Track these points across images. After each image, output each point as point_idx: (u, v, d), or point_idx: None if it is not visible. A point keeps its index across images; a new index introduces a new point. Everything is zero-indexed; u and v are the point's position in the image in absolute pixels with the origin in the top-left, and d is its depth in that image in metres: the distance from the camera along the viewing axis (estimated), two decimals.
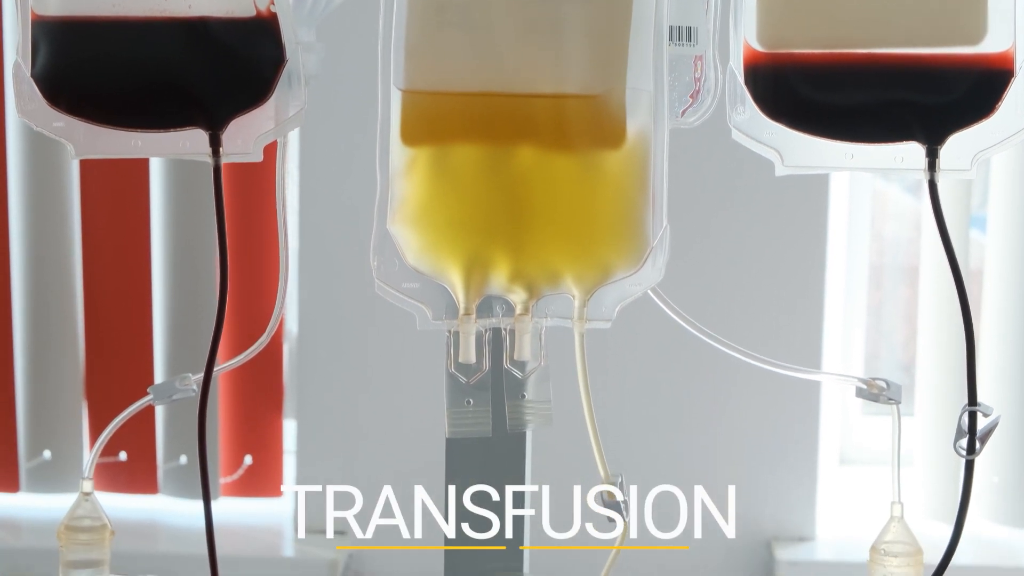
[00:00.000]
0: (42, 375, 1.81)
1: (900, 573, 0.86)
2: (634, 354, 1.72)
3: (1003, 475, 1.79)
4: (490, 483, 0.89)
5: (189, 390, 0.87)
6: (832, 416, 1.89)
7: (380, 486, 1.74)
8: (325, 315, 1.73)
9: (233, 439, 1.81)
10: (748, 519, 1.75)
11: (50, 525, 1.78)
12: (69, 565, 0.88)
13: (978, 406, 0.76)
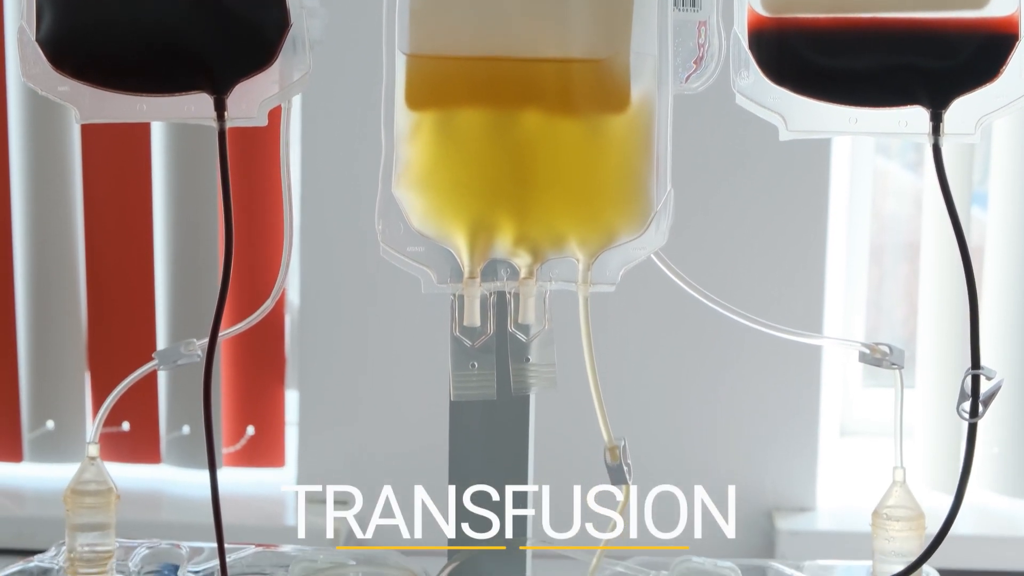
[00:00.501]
0: (44, 345, 1.81)
1: (902, 537, 0.87)
2: (636, 322, 1.72)
3: (1003, 446, 1.79)
4: (491, 483, 0.90)
5: (194, 355, 0.88)
6: (833, 388, 1.89)
7: (382, 456, 1.75)
8: (326, 286, 1.73)
9: (235, 410, 1.81)
10: (749, 489, 1.75)
11: (53, 495, 1.79)
12: (75, 528, 0.89)
13: (981, 369, 0.76)
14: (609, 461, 0.80)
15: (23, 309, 1.80)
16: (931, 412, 1.79)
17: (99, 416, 0.89)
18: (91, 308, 1.80)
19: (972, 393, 0.77)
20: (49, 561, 0.94)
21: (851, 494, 1.81)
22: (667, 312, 1.72)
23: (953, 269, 1.74)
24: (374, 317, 1.73)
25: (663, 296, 1.70)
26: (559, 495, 0.92)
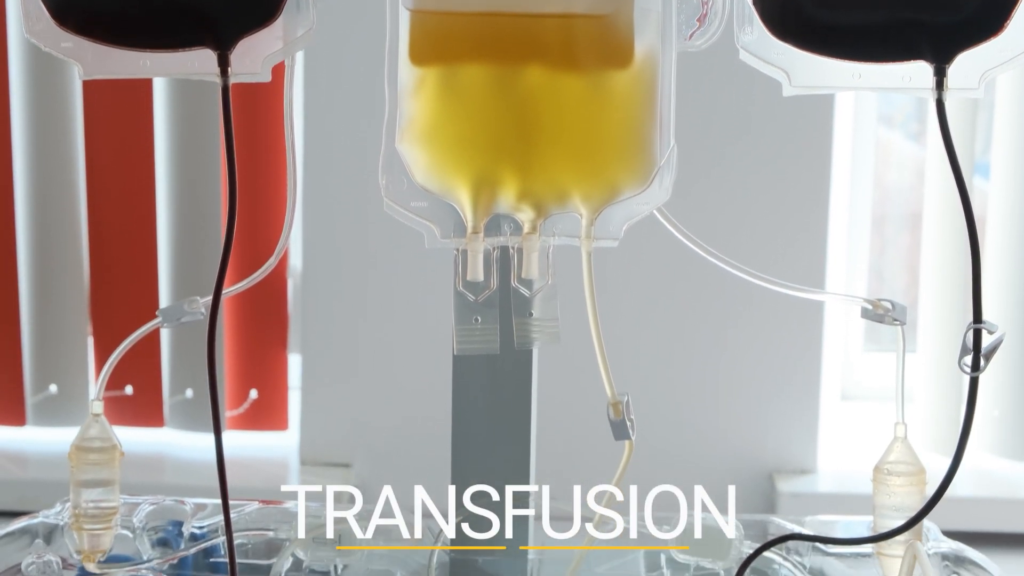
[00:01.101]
0: (47, 309, 1.82)
1: (903, 492, 0.87)
2: (638, 285, 1.72)
3: (1003, 408, 1.80)
4: (493, 481, 0.90)
5: (197, 313, 0.88)
6: (834, 352, 1.90)
7: (385, 420, 1.76)
8: (329, 250, 1.73)
9: (238, 374, 1.82)
10: (750, 452, 1.76)
11: (57, 458, 1.80)
12: (80, 484, 0.89)
13: (983, 323, 0.76)
14: (612, 416, 0.81)
15: (25, 273, 1.80)
16: (932, 378, 1.80)
17: (103, 373, 0.89)
18: (93, 272, 1.80)
19: (973, 347, 0.77)
20: (54, 517, 0.95)
21: (852, 457, 1.82)
22: (669, 275, 1.72)
23: (955, 240, 1.74)
24: (376, 281, 1.73)
25: (664, 259, 1.70)
26: (559, 495, 0.92)
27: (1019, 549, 1.70)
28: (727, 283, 1.76)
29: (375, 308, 1.74)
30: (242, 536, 0.94)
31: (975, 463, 1.81)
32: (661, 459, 1.74)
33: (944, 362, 1.79)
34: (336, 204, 1.72)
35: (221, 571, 0.94)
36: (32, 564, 0.90)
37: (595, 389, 0.83)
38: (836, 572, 0.95)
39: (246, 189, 1.72)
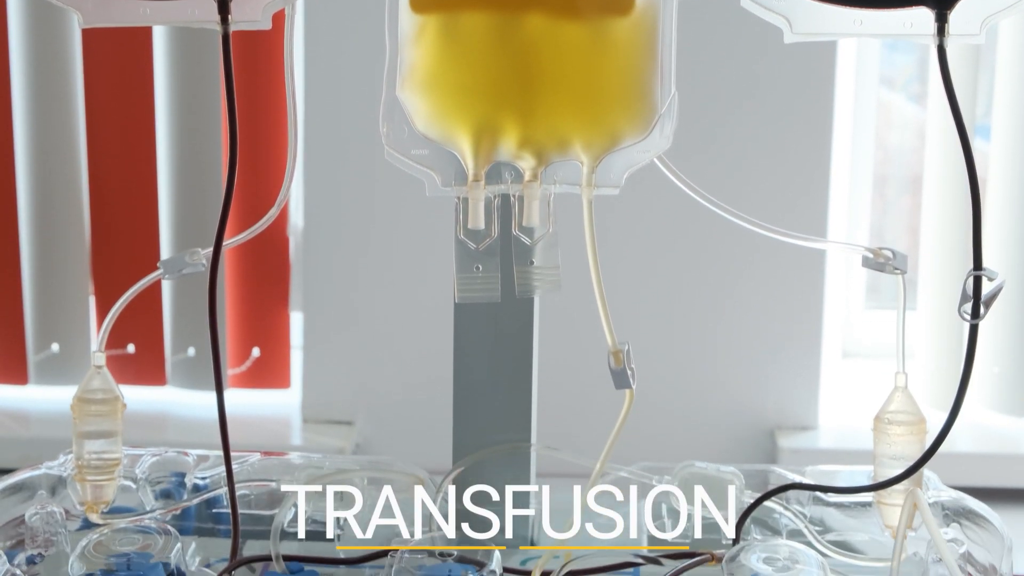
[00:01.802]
0: (48, 268, 1.82)
1: (903, 442, 0.87)
2: (638, 239, 1.72)
3: (1003, 365, 1.80)
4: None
5: (199, 265, 0.88)
6: (835, 309, 1.90)
7: (387, 377, 1.76)
8: (330, 208, 1.73)
9: (240, 332, 1.82)
10: (752, 409, 1.76)
11: (59, 416, 1.80)
12: (82, 436, 0.90)
13: (983, 270, 0.76)
14: (613, 365, 0.81)
15: (26, 232, 1.80)
16: (932, 337, 1.80)
17: (104, 325, 0.89)
18: (94, 230, 1.80)
19: (973, 294, 0.77)
20: (57, 469, 0.95)
21: (853, 413, 1.82)
22: (669, 233, 1.72)
23: (956, 202, 1.74)
24: (378, 238, 1.73)
25: (665, 216, 1.70)
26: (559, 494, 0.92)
27: (1019, 504, 1.71)
28: (728, 240, 1.76)
29: (377, 265, 1.74)
30: (244, 487, 0.94)
31: (975, 419, 1.82)
32: (663, 416, 1.75)
33: (944, 321, 1.79)
34: (338, 159, 1.72)
35: (224, 522, 0.95)
36: (35, 515, 0.90)
37: (596, 338, 0.83)
38: (836, 522, 0.96)
39: (247, 140, 1.71)
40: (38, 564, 0.89)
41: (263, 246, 1.79)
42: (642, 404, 0.85)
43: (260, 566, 0.88)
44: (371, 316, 1.75)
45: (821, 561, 0.82)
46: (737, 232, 1.69)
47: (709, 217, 1.64)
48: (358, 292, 1.75)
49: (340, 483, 0.91)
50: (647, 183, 1.54)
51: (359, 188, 1.72)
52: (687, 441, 1.74)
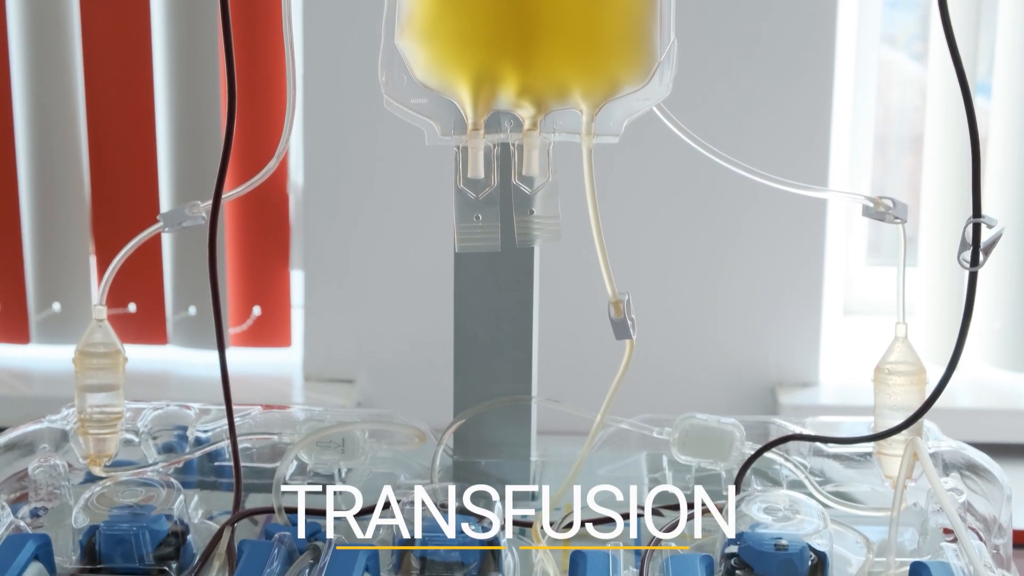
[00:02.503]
0: (49, 228, 1.82)
1: (904, 392, 0.87)
2: (639, 192, 1.72)
3: (1004, 320, 1.80)
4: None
5: (198, 217, 0.88)
6: (836, 266, 1.90)
7: (388, 335, 1.76)
8: (330, 165, 1.73)
9: (241, 291, 1.82)
10: (753, 365, 1.77)
11: (61, 375, 1.81)
12: (84, 389, 0.90)
13: (982, 218, 0.76)
14: (613, 315, 0.81)
15: (26, 192, 1.80)
16: (933, 295, 1.80)
17: (105, 278, 0.89)
18: (94, 189, 1.80)
19: (972, 241, 0.77)
20: (60, 423, 0.95)
21: (854, 370, 1.83)
22: (669, 187, 1.72)
23: (957, 161, 1.74)
24: (378, 195, 1.73)
25: (665, 172, 1.70)
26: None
27: (1020, 460, 1.71)
28: (728, 196, 1.76)
29: (377, 223, 1.74)
30: (246, 440, 0.94)
31: (976, 375, 1.82)
32: (663, 374, 1.75)
33: (945, 278, 1.79)
34: (337, 116, 1.71)
35: (226, 475, 0.95)
36: (39, 468, 0.91)
37: (596, 289, 0.83)
38: (837, 474, 0.96)
39: (245, 94, 1.71)
40: (42, 517, 0.89)
41: (263, 205, 1.79)
42: (642, 361, 0.85)
43: (262, 518, 0.89)
44: (372, 274, 1.75)
45: (822, 511, 0.82)
46: (737, 188, 1.70)
47: (710, 173, 1.64)
48: (358, 250, 1.75)
49: (341, 435, 0.91)
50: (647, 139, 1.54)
51: (359, 146, 1.71)
52: (688, 397, 1.74)
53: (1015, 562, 0.87)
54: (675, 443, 0.93)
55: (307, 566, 0.78)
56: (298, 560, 0.79)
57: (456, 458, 0.94)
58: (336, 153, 1.72)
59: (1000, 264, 1.79)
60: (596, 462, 0.96)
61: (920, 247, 1.82)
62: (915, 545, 0.88)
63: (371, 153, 1.71)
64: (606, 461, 0.96)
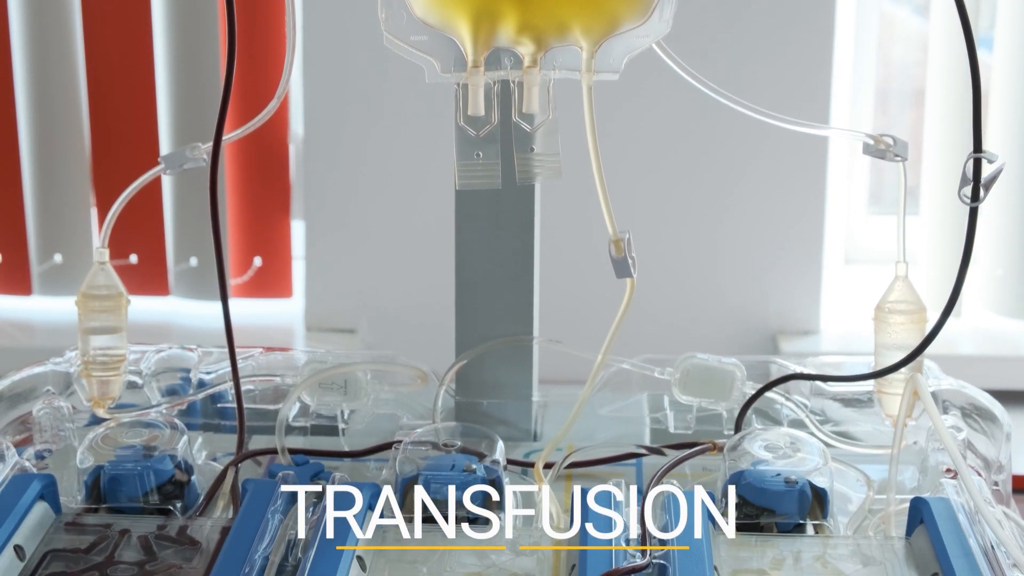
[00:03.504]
0: (50, 179, 1.82)
1: (904, 331, 0.87)
2: (641, 134, 1.72)
3: (1007, 268, 1.80)
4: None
5: (199, 159, 0.88)
6: (837, 215, 1.90)
7: (389, 285, 1.76)
8: (330, 115, 1.72)
9: (242, 241, 1.82)
10: (754, 313, 1.77)
11: (63, 327, 1.81)
12: (87, 332, 0.90)
13: (983, 153, 0.76)
14: (614, 254, 0.81)
15: (26, 143, 1.80)
16: (934, 247, 1.80)
17: (107, 220, 0.90)
18: (94, 140, 1.80)
19: (973, 176, 0.77)
20: (63, 365, 0.95)
21: (855, 318, 1.83)
22: (670, 134, 1.71)
23: (959, 116, 1.73)
24: (378, 144, 1.73)
25: (666, 118, 1.70)
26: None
27: (1022, 406, 1.71)
28: (730, 145, 1.76)
29: (378, 172, 1.74)
30: (249, 382, 0.95)
31: (978, 322, 1.82)
32: (663, 323, 1.75)
33: (946, 229, 1.79)
34: (338, 65, 1.71)
35: (229, 417, 0.95)
36: (43, 410, 0.91)
37: (596, 231, 0.83)
38: (838, 414, 0.96)
39: (245, 41, 1.70)
40: (46, 458, 0.90)
41: (263, 155, 1.79)
42: (642, 309, 0.86)
43: (266, 459, 0.89)
44: (373, 224, 1.76)
45: (822, 448, 0.83)
46: (739, 136, 1.69)
47: (711, 122, 1.64)
48: (359, 200, 1.75)
49: (343, 376, 0.91)
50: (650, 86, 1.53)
51: (359, 95, 1.71)
52: (689, 345, 1.75)
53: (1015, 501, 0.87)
54: (676, 383, 0.94)
55: (311, 503, 0.79)
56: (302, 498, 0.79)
57: (458, 399, 0.94)
58: (336, 102, 1.72)
59: (1002, 212, 1.79)
60: (597, 403, 0.96)
61: (922, 200, 1.82)
62: (915, 483, 0.89)
63: (371, 103, 1.71)
64: (607, 402, 0.96)
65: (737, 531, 0.78)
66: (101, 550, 0.76)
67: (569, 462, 0.88)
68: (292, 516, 0.77)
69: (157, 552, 0.76)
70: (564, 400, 0.95)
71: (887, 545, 0.77)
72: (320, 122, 1.73)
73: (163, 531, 0.78)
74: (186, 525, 0.79)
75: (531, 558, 0.76)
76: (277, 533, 0.75)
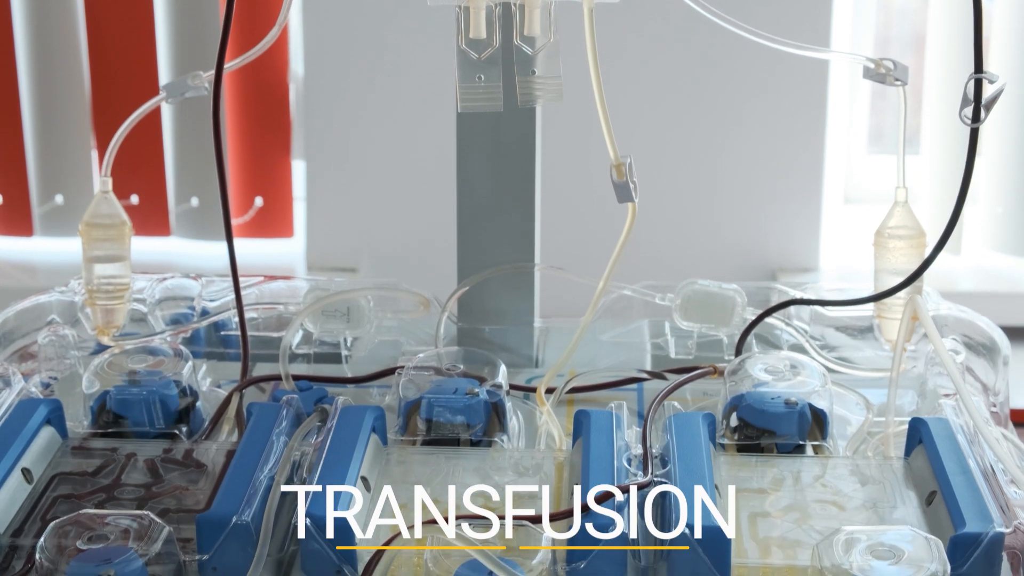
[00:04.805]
0: (50, 121, 1.82)
1: (904, 257, 0.88)
2: (643, 69, 1.72)
3: (1007, 206, 1.80)
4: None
5: (201, 88, 0.88)
6: (837, 154, 1.90)
7: (389, 223, 1.77)
8: (330, 55, 1.72)
9: (243, 181, 1.82)
10: (754, 251, 1.77)
11: (65, 267, 1.81)
12: (92, 261, 0.90)
13: (983, 73, 0.76)
14: (615, 178, 0.81)
15: (26, 85, 1.80)
16: (935, 186, 1.80)
17: (110, 148, 0.90)
18: (94, 82, 1.79)
19: (974, 97, 0.78)
20: (68, 294, 0.96)
21: (854, 256, 1.83)
22: (673, 73, 1.71)
23: (958, 61, 1.73)
24: (378, 83, 1.73)
25: (670, 54, 1.69)
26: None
27: (1020, 342, 1.72)
28: (731, 84, 1.75)
29: (378, 111, 1.74)
30: (252, 310, 0.95)
31: (978, 260, 1.83)
32: (663, 260, 1.76)
33: (947, 172, 1.79)
34: (336, 1, 1.70)
35: (232, 345, 0.96)
36: (48, 338, 0.91)
37: (598, 155, 0.83)
38: (837, 341, 0.97)
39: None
40: (51, 386, 0.90)
41: (263, 95, 1.79)
42: (642, 247, 0.86)
43: (269, 386, 0.90)
44: (374, 163, 1.76)
45: (822, 371, 0.83)
46: (740, 75, 1.69)
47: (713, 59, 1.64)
48: (360, 139, 1.75)
49: (346, 303, 0.92)
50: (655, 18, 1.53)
51: (358, 33, 1.71)
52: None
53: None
54: (677, 309, 0.94)
55: (315, 427, 0.79)
56: (306, 421, 0.80)
57: (460, 325, 0.95)
58: (336, 41, 1.72)
59: (1002, 150, 1.79)
60: (598, 329, 0.96)
61: (922, 142, 1.82)
62: (914, 407, 0.89)
63: (371, 42, 1.71)
64: (608, 328, 0.97)
65: (737, 452, 0.79)
66: (108, 473, 0.77)
67: (571, 387, 0.89)
68: (297, 438, 0.77)
69: (163, 474, 0.77)
70: (565, 327, 0.96)
71: (886, 465, 0.78)
72: (320, 61, 1.73)
73: (169, 454, 0.79)
74: (192, 448, 0.79)
75: (534, 478, 0.76)
76: (282, 455, 0.76)
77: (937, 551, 0.64)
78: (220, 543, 0.69)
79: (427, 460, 0.78)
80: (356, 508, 0.70)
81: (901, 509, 0.74)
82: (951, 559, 0.65)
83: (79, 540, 0.65)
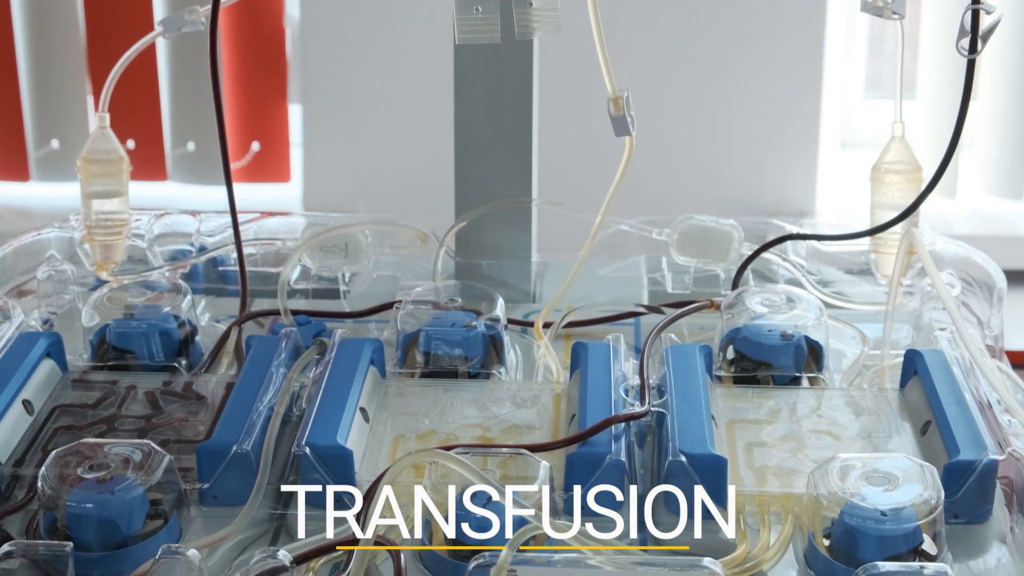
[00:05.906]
0: (46, 64, 1.81)
1: (900, 191, 0.88)
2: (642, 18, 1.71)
3: (1002, 149, 1.80)
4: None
5: (198, 23, 0.88)
6: (834, 99, 1.90)
7: (386, 167, 1.77)
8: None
9: (239, 126, 1.82)
10: (750, 195, 1.77)
11: (61, 212, 1.81)
12: (89, 196, 0.91)
13: (980, 4, 0.76)
14: (612, 112, 0.81)
15: (21, 29, 1.79)
16: (932, 134, 1.80)
17: (107, 83, 0.90)
18: (89, 26, 1.79)
19: (971, 28, 0.77)
20: (67, 230, 0.96)
21: (851, 201, 1.83)
22: (672, 15, 1.71)
23: (955, 14, 1.73)
24: (375, 26, 1.72)
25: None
26: None
27: (1017, 285, 1.73)
28: (730, 29, 1.75)
29: (373, 54, 1.73)
30: (250, 246, 0.95)
31: (974, 204, 1.83)
32: (658, 201, 1.75)
33: (942, 113, 1.79)
34: None
35: (231, 281, 0.96)
36: (46, 273, 0.92)
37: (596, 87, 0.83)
38: (834, 277, 0.97)
39: None
40: (51, 320, 0.91)
41: (259, 39, 1.78)
42: (639, 187, 0.86)
43: (268, 320, 0.90)
44: (370, 106, 1.75)
45: (818, 304, 0.84)
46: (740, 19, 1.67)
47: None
48: (356, 82, 1.75)
49: (344, 239, 0.92)
50: None
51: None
52: None
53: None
54: (674, 244, 0.95)
55: (314, 359, 0.80)
56: (305, 353, 0.80)
57: (458, 260, 0.95)
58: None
59: (997, 94, 1.79)
60: (596, 265, 0.97)
61: (918, 89, 1.82)
62: (909, 340, 0.90)
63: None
64: (605, 263, 0.97)
65: (734, 384, 0.80)
66: (108, 405, 0.78)
67: (568, 321, 0.89)
68: (296, 369, 0.78)
69: (163, 406, 0.78)
70: (563, 262, 0.96)
71: (881, 396, 0.78)
72: (315, 4, 1.72)
73: (169, 387, 0.79)
74: (191, 381, 0.80)
75: (531, 409, 0.77)
76: (281, 386, 0.76)
77: (931, 478, 0.65)
78: (220, 472, 0.69)
79: (425, 392, 0.78)
80: (355, 438, 0.71)
81: (896, 439, 0.74)
82: (945, 486, 0.65)
83: (80, 469, 0.66)
